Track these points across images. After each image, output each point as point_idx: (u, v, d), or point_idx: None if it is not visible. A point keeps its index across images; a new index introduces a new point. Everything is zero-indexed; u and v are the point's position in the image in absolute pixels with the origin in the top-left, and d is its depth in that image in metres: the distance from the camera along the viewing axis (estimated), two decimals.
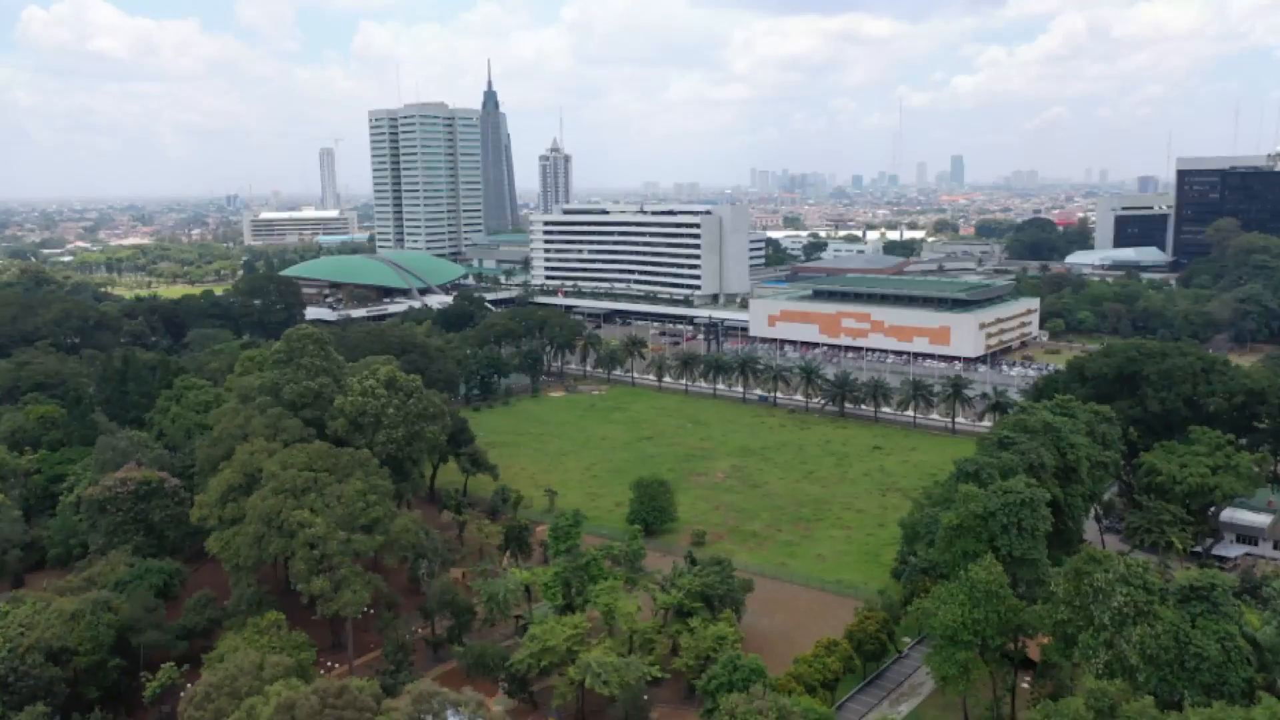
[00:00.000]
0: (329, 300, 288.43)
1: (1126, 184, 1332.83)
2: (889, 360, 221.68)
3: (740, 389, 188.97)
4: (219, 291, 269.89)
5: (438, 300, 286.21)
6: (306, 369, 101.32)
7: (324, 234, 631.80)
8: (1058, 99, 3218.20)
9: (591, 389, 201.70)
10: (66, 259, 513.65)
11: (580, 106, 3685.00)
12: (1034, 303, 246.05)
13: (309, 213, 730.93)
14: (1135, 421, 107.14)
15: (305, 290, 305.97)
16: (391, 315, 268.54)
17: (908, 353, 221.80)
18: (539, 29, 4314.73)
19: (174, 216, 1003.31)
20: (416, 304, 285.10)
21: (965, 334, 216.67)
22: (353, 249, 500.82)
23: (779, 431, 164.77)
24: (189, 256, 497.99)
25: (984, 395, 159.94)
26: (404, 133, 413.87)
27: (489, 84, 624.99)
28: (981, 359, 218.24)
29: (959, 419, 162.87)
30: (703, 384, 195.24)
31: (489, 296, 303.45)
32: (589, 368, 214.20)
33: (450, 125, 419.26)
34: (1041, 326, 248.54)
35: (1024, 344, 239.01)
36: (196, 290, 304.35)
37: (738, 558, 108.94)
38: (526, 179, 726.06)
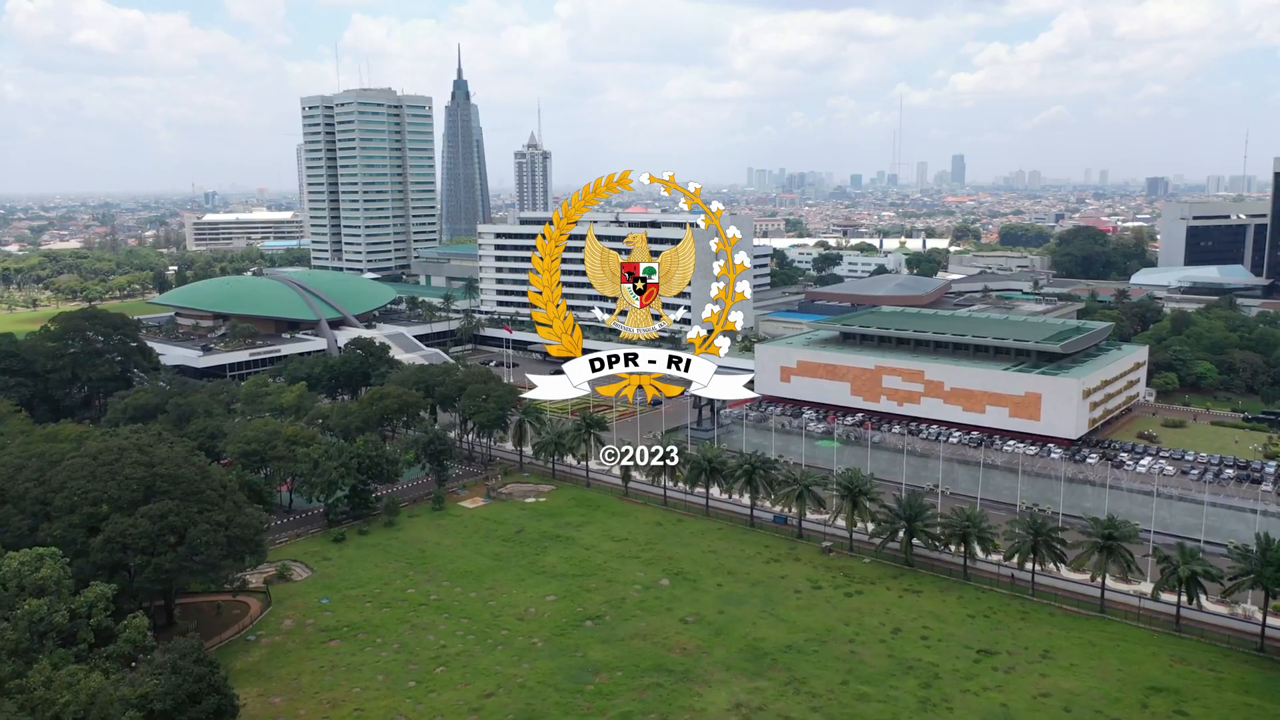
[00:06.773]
0: (208, 338, 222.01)
1: (1130, 185, 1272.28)
2: (954, 438, 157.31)
3: (746, 498, 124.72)
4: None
5: (353, 336, 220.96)
6: None
7: (274, 238, 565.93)
8: (1058, 98, 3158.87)
9: (527, 492, 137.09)
10: None
11: (576, 104, 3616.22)
12: (1141, 353, 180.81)
13: (260, 214, 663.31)
14: None
15: (182, 322, 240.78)
16: (284, 358, 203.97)
17: (980, 428, 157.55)
18: (534, 24, 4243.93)
19: (140, 215, 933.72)
20: (323, 343, 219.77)
21: (1063, 404, 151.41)
22: (293, 258, 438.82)
23: (811, 601, 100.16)
24: (106, 267, 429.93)
25: (1163, 559, 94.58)
26: (341, 124, 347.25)
27: (459, 73, 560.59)
28: (1087, 440, 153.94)
29: (1109, 581, 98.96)
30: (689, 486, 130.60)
31: (418, 331, 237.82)
32: (527, 451, 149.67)
33: (398, 115, 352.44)
34: (1148, 383, 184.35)
35: (1128, 410, 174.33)
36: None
37: None
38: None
